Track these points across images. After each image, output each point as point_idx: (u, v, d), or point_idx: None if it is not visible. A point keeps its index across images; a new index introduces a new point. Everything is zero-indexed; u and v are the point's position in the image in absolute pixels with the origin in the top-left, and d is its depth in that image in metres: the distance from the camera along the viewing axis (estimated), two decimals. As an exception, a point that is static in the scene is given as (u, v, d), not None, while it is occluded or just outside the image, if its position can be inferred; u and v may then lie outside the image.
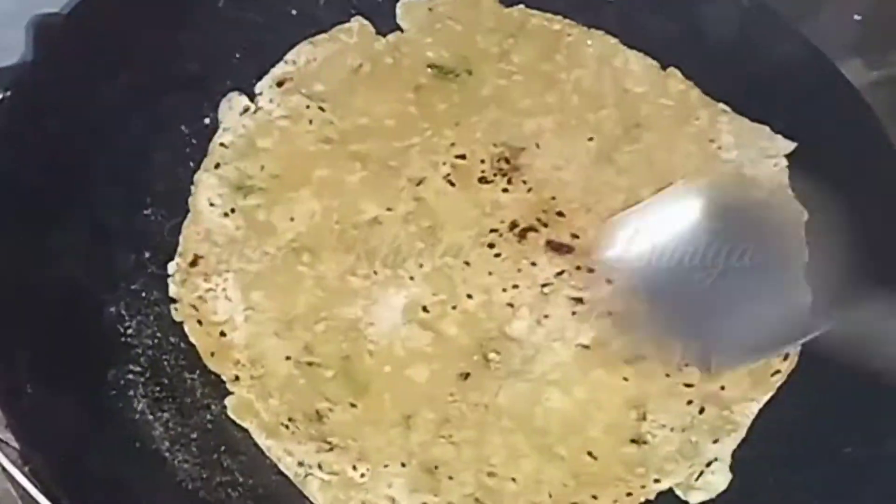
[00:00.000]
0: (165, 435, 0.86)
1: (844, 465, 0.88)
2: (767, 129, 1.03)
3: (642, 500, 0.88)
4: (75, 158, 0.93)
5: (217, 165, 0.98)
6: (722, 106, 1.04)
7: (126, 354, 0.89)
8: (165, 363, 0.90)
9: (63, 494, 0.80)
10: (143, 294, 0.92)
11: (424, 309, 0.94)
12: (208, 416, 0.88)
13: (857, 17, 1.18)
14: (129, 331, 0.90)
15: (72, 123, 0.93)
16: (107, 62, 0.96)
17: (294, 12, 1.06)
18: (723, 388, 0.92)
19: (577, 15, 1.09)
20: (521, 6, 1.09)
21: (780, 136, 1.02)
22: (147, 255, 0.93)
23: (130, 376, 0.88)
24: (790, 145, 1.02)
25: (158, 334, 0.91)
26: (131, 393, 0.88)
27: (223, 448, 0.87)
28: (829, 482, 0.87)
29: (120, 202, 0.94)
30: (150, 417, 0.87)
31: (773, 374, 0.92)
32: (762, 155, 1.02)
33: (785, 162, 1.02)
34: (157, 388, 0.88)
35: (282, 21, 1.05)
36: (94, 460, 0.82)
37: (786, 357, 0.92)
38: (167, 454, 0.86)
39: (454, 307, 0.95)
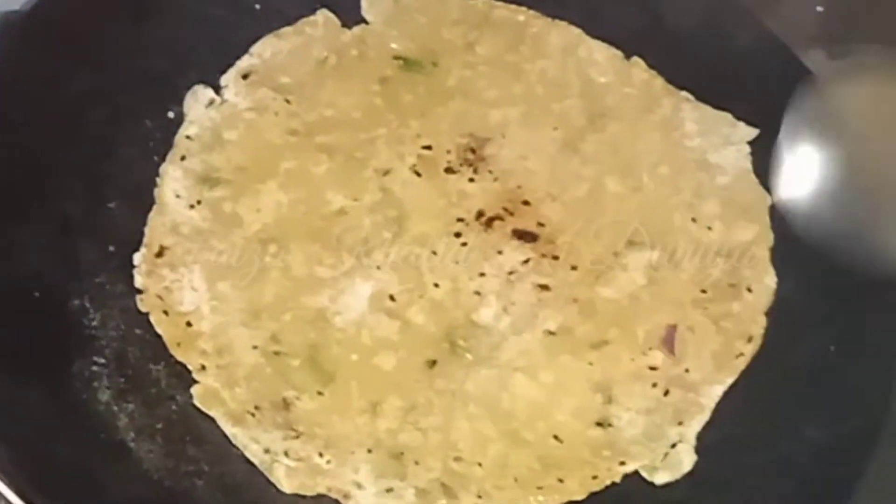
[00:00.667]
0: (131, 425, 0.87)
1: (806, 446, 0.88)
2: (730, 116, 1.04)
3: (608, 482, 0.89)
4: (39, 154, 0.93)
5: (183, 157, 0.98)
6: (685, 94, 1.05)
7: (91, 346, 0.90)
8: (130, 355, 0.90)
9: (29, 486, 0.80)
10: (108, 286, 0.92)
11: (391, 298, 0.95)
12: (174, 407, 0.89)
13: (819, 9, 1.18)
14: (94, 323, 0.91)
15: (35, 119, 0.93)
16: (69, 58, 0.96)
17: (258, 6, 1.06)
18: (687, 370, 0.93)
19: (540, 6, 1.09)
20: (487, -4, 1.09)
21: (742, 123, 1.03)
22: (112, 248, 0.94)
23: (95, 368, 0.89)
24: (752, 132, 1.03)
25: (123, 326, 0.91)
26: (96, 384, 0.88)
27: (189, 438, 0.88)
28: (791, 463, 0.88)
29: (84, 196, 0.95)
30: (115, 408, 0.87)
31: (737, 357, 0.93)
32: (725, 142, 1.03)
33: (748, 148, 1.02)
34: (122, 380, 0.89)
35: (246, 15, 1.05)
36: (60, 452, 0.83)
37: (749, 339, 0.93)
38: (132, 444, 0.86)
39: (421, 296, 0.95)
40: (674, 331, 0.94)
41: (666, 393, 0.91)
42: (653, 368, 0.93)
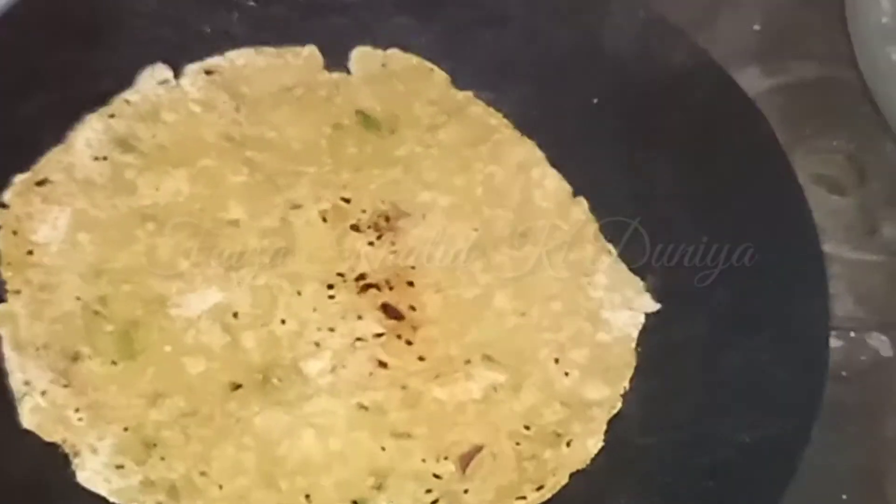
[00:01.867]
0: None
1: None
2: (640, 283, 1.00)
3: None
4: None
5: (112, 115, 1.01)
6: (610, 247, 1.02)
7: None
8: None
9: None
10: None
11: (234, 315, 0.94)
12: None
13: (756, 27, 1.20)
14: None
15: None
16: (21, 81, 0.97)
17: (208, 30, 1.07)
18: (466, 491, 0.87)
19: (519, 120, 1.09)
20: (471, 93, 1.10)
21: (647, 296, 0.99)
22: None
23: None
24: (654, 306, 0.98)
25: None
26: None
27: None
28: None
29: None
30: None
31: (517, 499, 0.87)
32: (624, 304, 0.99)
33: (642, 319, 0.98)
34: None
35: (196, 39, 1.06)
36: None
37: (539, 489, 0.87)
38: None
39: (263, 325, 0.94)
40: (477, 452, 0.89)
41: (434, 502, 0.86)
42: (437, 476, 0.88)
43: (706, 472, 0.86)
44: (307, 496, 0.85)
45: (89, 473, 0.84)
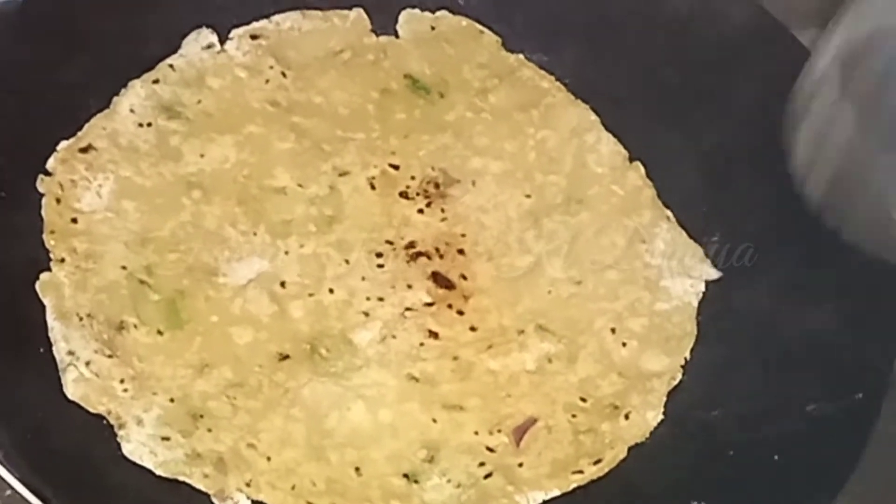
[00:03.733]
0: None
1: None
2: (701, 251, 0.96)
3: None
4: (37, 145, 0.93)
5: (156, 81, 0.99)
6: (668, 213, 0.98)
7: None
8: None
9: (31, 472, 0.76)
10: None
11: (282, 284, 0.92)
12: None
13: None
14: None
15: (32, 109, 0.92)
16: (64, 46, 0.94)
17: None
18: (521, 465, 0.84)
19: (572, 83, 1.06)
20: (521, 55, 1.07)
21: (707, 263, 0.96)
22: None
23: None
24: (714, 273, 0.95)
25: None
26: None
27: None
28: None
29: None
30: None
31: (573, 473, 0.84)
32: (684, 272, 0.96)
33: (702, 287, 0.95)
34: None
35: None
36: (60, 437, 0.81)
37: (596, 462, 0.84)
38: None
39: (311, 294, 0.92)
40: (531, 424, 0.86)
41: (488, 475, 0.83)
42: (490, 450, 0.85)
43: (772, 445, 0.83)
44: (357, 469, 0.83)
45: (135, 445, 0.82)
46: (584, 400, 0.88)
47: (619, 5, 1.05)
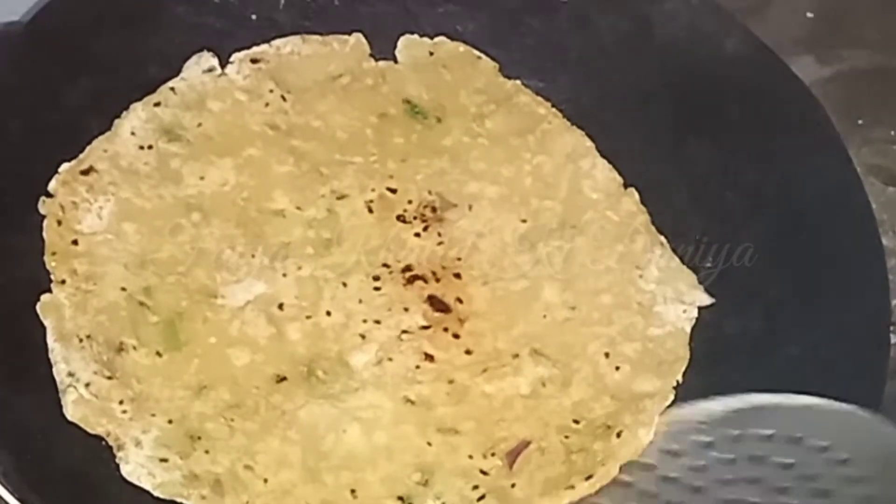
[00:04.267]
0: None
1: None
2: (694, 277, 0.98)
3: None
4: (38, 164, 0.94)
5: (157, 104, 1.00)
6: (662, 239, 1.00)
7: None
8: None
9: (30, 491, 0.76)
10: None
11: (280, 306, 0.92)
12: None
13: (809, 15, 1.18)
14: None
15: (35, 128, 0.93)
16: (67, 68, 0.96)
17: (254, 17, 1.07)
18: (514, 485, 0.85)
19: (568, 109, 1.07)
20: (518, 81, 1.08)
21: (701, 289, 0.97)
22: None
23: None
24: (707, 300, 0.96)
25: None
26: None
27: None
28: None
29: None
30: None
31: (566, 489, 0.85)
32: (677, 298, 0.97)
33: (695, 313, 0.96)
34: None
35: (241, 26, 1.06)
36: (59, 456, 0.82)
37: (588, 478, 0.85)
38: None
39: (309, 317, 0.92)
40: (525, 447, 0.87)
41: (481, 498, 0.84)
42: (483, 472, 0.86)
43: None
44: (352, 491, 0.84)
45: (133, 467, 0.83)
46: (576, 422, 0.89)
47: (613, 34, 1.07)
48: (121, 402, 0.85)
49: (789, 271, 0.94)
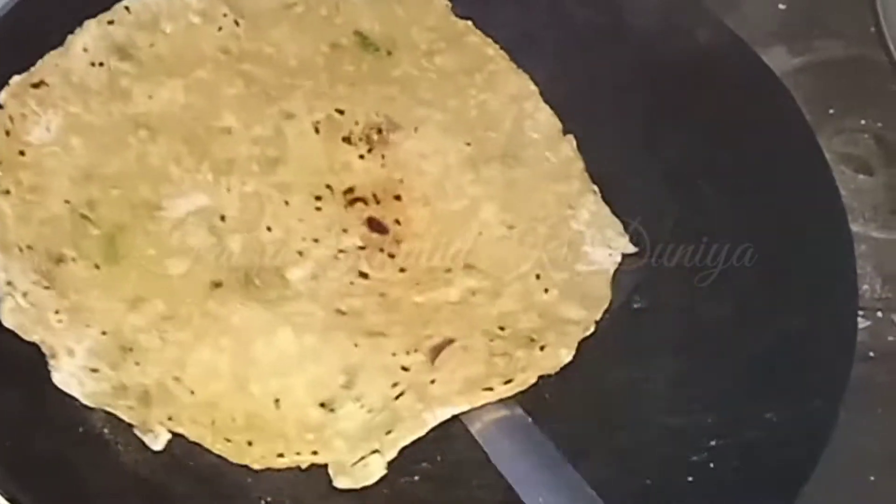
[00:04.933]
0: (107, 419, 0.87)
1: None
2: (620, 226, 1.00)
3: (292, 466, 0.85)
4: None
5: (111, 22, 1.01)
6: (594, 188, 1.02)
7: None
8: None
9: (9, 481, 0.79)
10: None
11: (222, 218, 0.94)
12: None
13: (781, 6, 1.20)
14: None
15: None
16: None
17: None
18: (433, 381, 0.87)
19: (515, 52, 1.09)
20: (470, 22, 1.10)
21: (626, 238, 0.99)
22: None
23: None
24: (631, 248, 0.99)
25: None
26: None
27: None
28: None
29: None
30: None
31: (484, 389, 0.86)
32: (604, 242, 0.99)
33: (619, 258, 0.98)
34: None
35: None
36: (39, 447, 0.84)
37: (507, 382, 0.87)
38: (109, 437, 0.87)
39: (249, 230, 0.94)
40: (448, 344, 0.89)
41: (399, 395, 0.86)
42: (405, 369, 0.88)
43: (734, 452, 0.86)
44: (277, 401, 0.86)
45: (64, 375, 0.85)
46: (502, 328, 0.91)
47: (585, 22, 1.09)
48: (57, 312, 0.87)
49: (760, 258, 0.96)
